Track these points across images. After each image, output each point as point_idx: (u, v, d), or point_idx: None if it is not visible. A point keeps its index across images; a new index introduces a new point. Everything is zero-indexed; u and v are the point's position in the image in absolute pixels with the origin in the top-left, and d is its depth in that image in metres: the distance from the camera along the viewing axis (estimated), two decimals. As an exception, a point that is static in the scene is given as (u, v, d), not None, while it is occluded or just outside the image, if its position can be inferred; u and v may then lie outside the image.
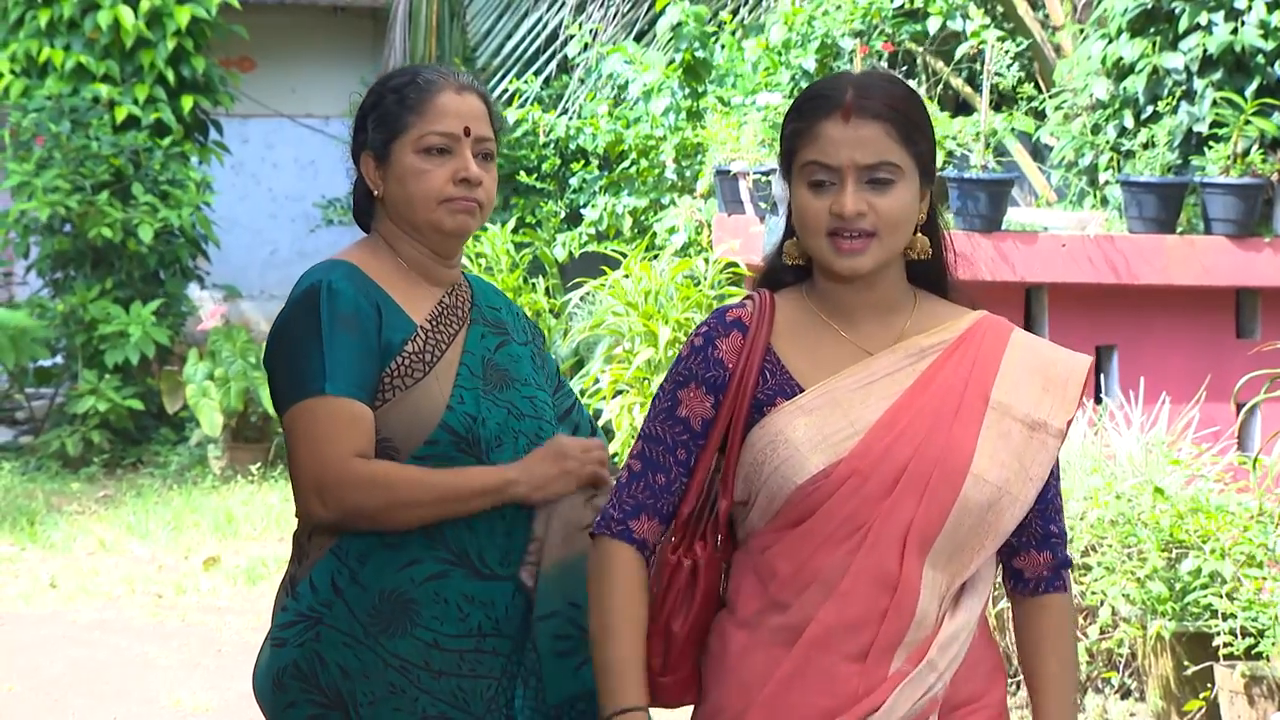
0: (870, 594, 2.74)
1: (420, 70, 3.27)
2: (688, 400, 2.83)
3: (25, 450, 11.84)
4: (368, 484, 3.11)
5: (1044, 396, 2.82)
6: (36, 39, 12.30)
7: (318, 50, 15.53)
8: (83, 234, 11.80)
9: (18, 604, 8.44)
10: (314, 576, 3.20)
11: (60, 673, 7.20)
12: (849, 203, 2.74)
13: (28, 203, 11.74)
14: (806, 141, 2.77)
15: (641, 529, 2.84)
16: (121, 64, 12.35)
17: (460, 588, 3.16)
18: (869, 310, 2.84)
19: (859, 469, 2.75)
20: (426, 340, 3.22)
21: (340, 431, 3.12)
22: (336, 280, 3.18)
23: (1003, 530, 2.79)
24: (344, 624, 3.16)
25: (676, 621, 2.84)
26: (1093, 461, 6.60)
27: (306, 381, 3.14)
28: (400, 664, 3.14)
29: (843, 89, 2.78)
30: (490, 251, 10.48)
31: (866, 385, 2.79)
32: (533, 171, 11.84)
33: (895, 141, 2.76)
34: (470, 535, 3.17)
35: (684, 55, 9.51)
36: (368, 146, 3.26)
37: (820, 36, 9.54)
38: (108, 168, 11.87)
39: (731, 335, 2.84)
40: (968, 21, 9.59)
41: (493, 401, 3.23)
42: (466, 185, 3.20)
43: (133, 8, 12.18)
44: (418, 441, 3.16)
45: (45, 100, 12.05)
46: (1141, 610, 6.14)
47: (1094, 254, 7.81)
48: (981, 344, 2.83)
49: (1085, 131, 9.07)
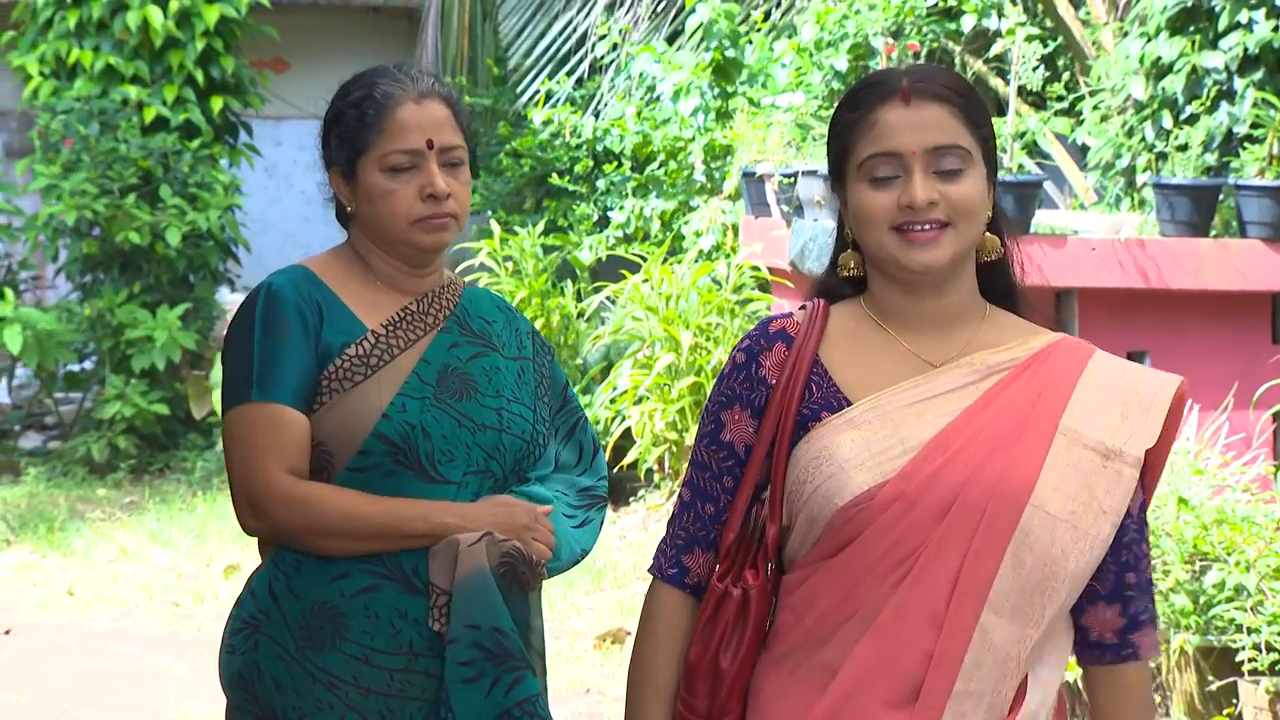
0: (912, 632, 2.51)
1: (378, 81, 3.20)
2: (731, 423, 2.66)
3: (53, 456, 11.89)
4: (291, 504, 3.07)
5: (1123, 424, 2.57)
6: (65, 40, 12.36)
7: (353, 51, 15.53)
8: (110, 237, 11.84)
9: (34, 613, 8.47)
10: (255, 583, 3.20)
11: (70, 683, 7.22)
12: (919, 191, 2.53)
13: (55, 205, 11.79)
14: (863, 132, 2.58)
15: (695, 564, 2.68)
16: (150, 65, 12.40)
17: (393, 602, 3.09)
18: (933, 321, 2.62)
19: (905, 492, 2.52)
20: (375, 345, 3.16)
21: (266, 442, 3.08)
22: (278, 284, 3.16)
23: (1074, 572, 2.54)
24: (279, 634, 3.13)
25: (725, 657, 2.63)
26: (1116, 471, 6.52)
27: (238, 387, 3.13)
28: (329, 679, 3.09)
29: (897, 75, 2.60)
30: (518, 255, 10.46)
31: (924, 401, 2.57)
32: (565, 173, 11.82)
33: (961, 124, 2.57)
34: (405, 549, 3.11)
35: (714, 54, 9.47)
36: (334, 162, 3.23)
37: (853, 36, 9.50)
38: (136, 170, 11.91)
39: (775, 348, 2.65)
40: (1002, 20, 9.53)
41: (443, 411, 3.15)
42: (435, 201, 3.16)
43: (162, 8, 12.21)
44: (352, 449, 3.10)
45: (74, 102, 12.10)
46: (1165, 624, 6.07)
47: (1124, 258, 7.73)
48: (1055, 366, 2.60)
49: (1122, 132, 9.00)
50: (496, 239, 10.60)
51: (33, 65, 12.48)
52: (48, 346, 11.60)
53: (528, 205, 12.43)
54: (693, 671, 2.64)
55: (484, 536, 3.06)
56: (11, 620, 8.37)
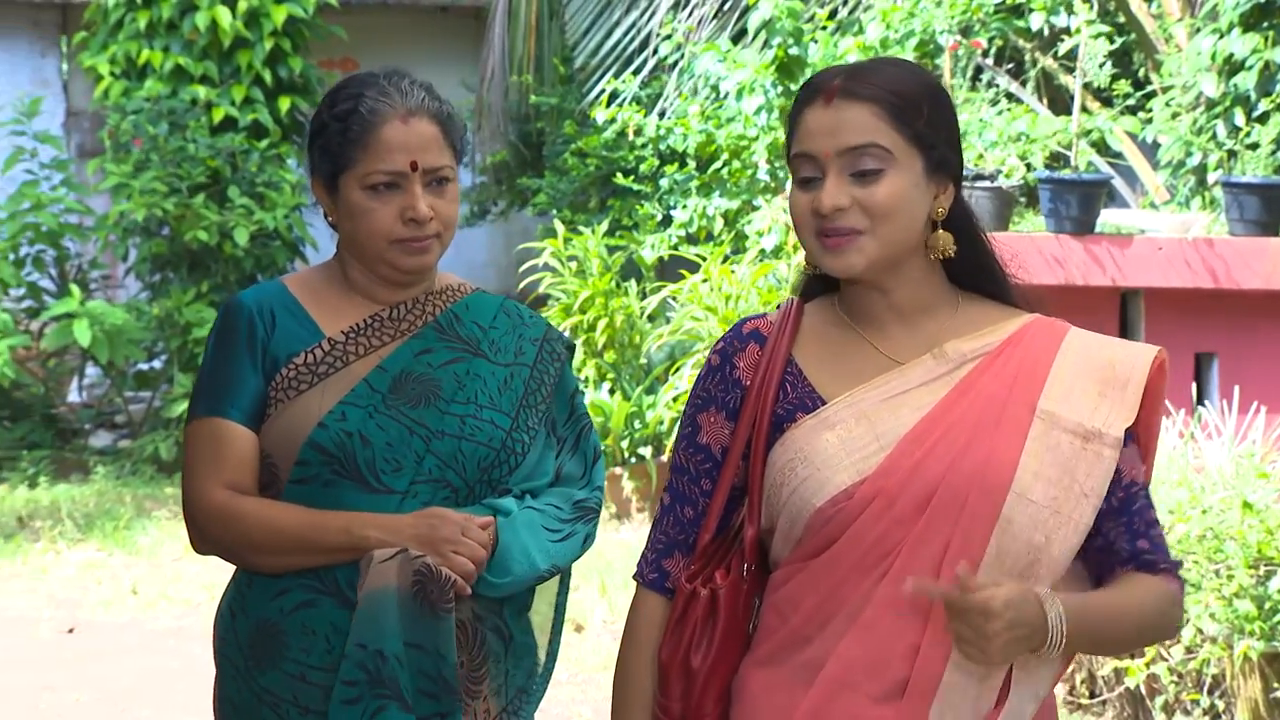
0: (897, 626, 2.48)
1: (364, 93, 3.10)
2: (707, 426, 2.64)
3: (122, 454, 11.96)
4: (222, 520, 3.04)
5: (1100, 402, 2.54)
6: (136, 41, 12.44)
7: (421, 50, 15.57)
8: (179, 236, 11.90)
9: (97, 611, 8.51)
10: (222, 604, 3.18)
11: (131, 682, 7.24)
12: (826, 197, 2.50)
13: (125, 204, 11.86)
14: (792, 134, 2.57)
15: (675, 569, 2.66)
16: (219, 65, 12.46)
17: (329, 617, 3.03)
18: (894, 315, 2.60)
19: (885, 489, 2.49)
20: (328, 353, 3.11)
21: (205, 457, 3.06)
22: (239, 298, 3.15)
23: (1056, 557, 2.50)
24: (234, 654, 3.11)
25: (696, 656, 2.61)
26: (1179, 474, 6.44)
27: (193, 402, 3.12)
28: (272, 699, 3.05)
29: (833, 75, 2.56)
30: (582, 254, 10.44)
31: (898, 396, 2.55)
32: (629, 173, 11.79)
33: (884, 123, 2.50)
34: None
35: (777, 52, 9.41)
36: (316, 172, 3.17)
37: (920, 33, 9.43)
38: (204, 170, 11.96)
39: (749, 349, 2.63)
40: (1072, 17, 9.44)
41: (391, 419, 3.08)
42: (416, 225, 3.08)
43: (230, 8, 12.27)
44: (291, 462, 3.05)
45: (144, 102, 12.16)
46: (1229, 629, 5.98)
47: (1192, 258, 7.63)
48: (1029, 348, 2.57)
49: (1192, 130, 8.90)
50: (560, 239, 10.59)
51: (104, 66, 12.56)
52: (117, 343, 11.65)
53: (593, 204, 12.40)
54: (665, 672, 2.63)
55: (399, 553, 2.96)
56: (75, 619, 8.42)
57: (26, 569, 9.43)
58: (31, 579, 9.24)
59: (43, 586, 9.06)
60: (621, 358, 10.10)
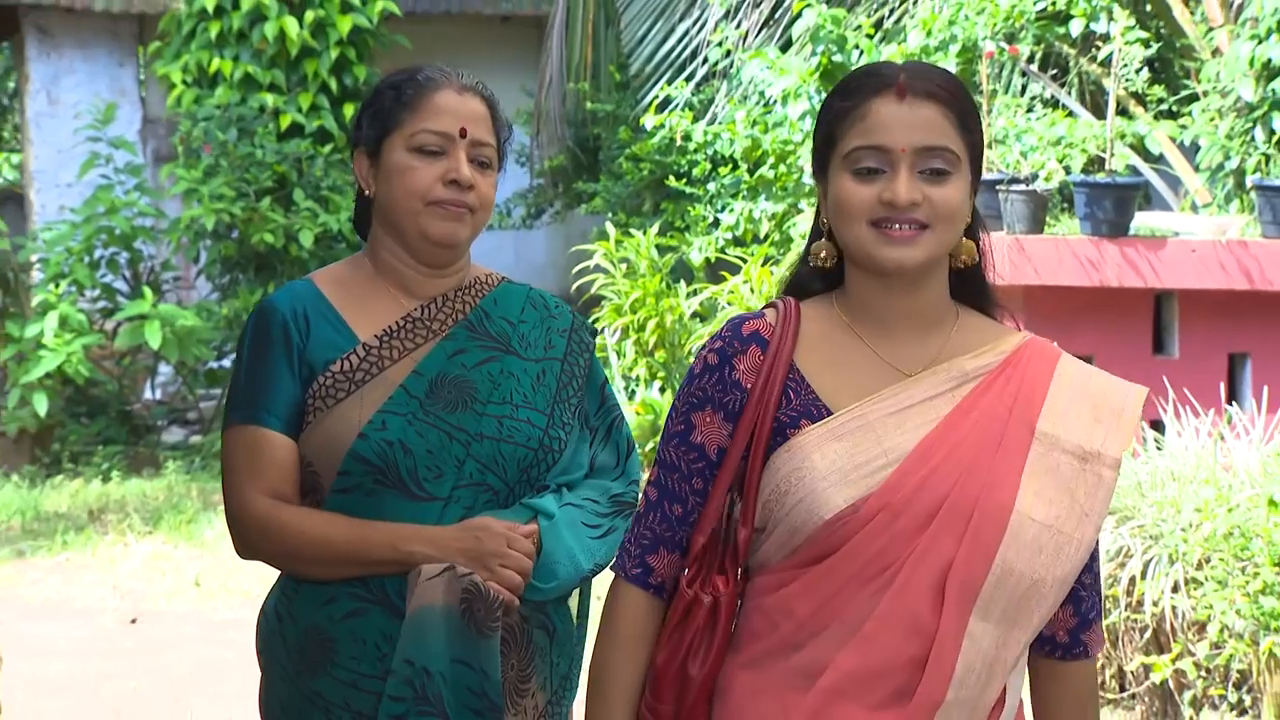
0: (897, 641, 2.41)
1: (423, 68, 3.07)
2: (703, 425, 2.52)
3: (192, 450, 12.01)
4: (265, 529, 2.94)
5: (1096, 426, 2.49)
6: (207, 50, 12.50)
7: (483, 58, 15.57)
8: (247, 239, 11.95)
9: (160, 601, 8.54)
10: (266, 605, 3.11)
11: (187, 671, 7.25)
12: (903, 189, 2.40)
13: (195, 209, 11.92)
14: (853, 123, 2.44)
15: (660, 565, 2.55)
16: (287, 74, 12.50)
17: (378, 626, 2.95)
18: (907, 322, 2.52)
19: (890, 504, 2.42)
20: (364, 359, 3.01)
21: (245, 466, 2.96)
22: (272, 301, 3.05)
23: (1061, 577, 2.45)
24: (281, 657, 3.03)
25: (694, 664, 2.52)
26: (1208, 473, 6.35)
27: (229, 409, 3.03)
28: (323, 703, 2.97)
29: (894, 69, 2.46)
30: (633, 255, 10.41)
31: (903, 410, 2.46)
32: (681, 176, 11.75)
33: (953, 126, 2.44)
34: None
35: (821, 59, 9.35)
36: (361, 143, 3.09)
37: (962, 40, 9.35)
38: (271, 175, 12.01)
39: (750, 351, 2.51)
40: (1112, 23, 9.33)
41: (430, 425, 2.98)
42: (456, 188, 2.99)
43: (298, 19, 12.32)
44: (333, 471, 2.96)
45: (214, 109, 12.23)
46: (1254, 625, 5.89)
47: (1226, 260, 7.52)
48: (1027, 369, 2.51)
49: (1231, 134, 8.78)
50: (612, 240, 10.56)
51: (176, 74, 12.64)
52: (187, 343, 11.71)
53: (646, 207, 12.37)
54: (660, 677, 2.53)
55: (446, 570, 2.88)
56: (139, 609, 8.46)
57: (96, 560, 9.49)
58: (100, 570, 9.29)
59: (109, 577, 9.11)
60: (671, 357, 10.06)
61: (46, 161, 14.99)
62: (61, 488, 11.25)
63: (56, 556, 9.61)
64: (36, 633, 8.08)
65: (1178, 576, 6.05)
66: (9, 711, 6.79)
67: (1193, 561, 6.05)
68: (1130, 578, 6.21)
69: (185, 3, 12.59)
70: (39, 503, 10.82)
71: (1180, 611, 6.06)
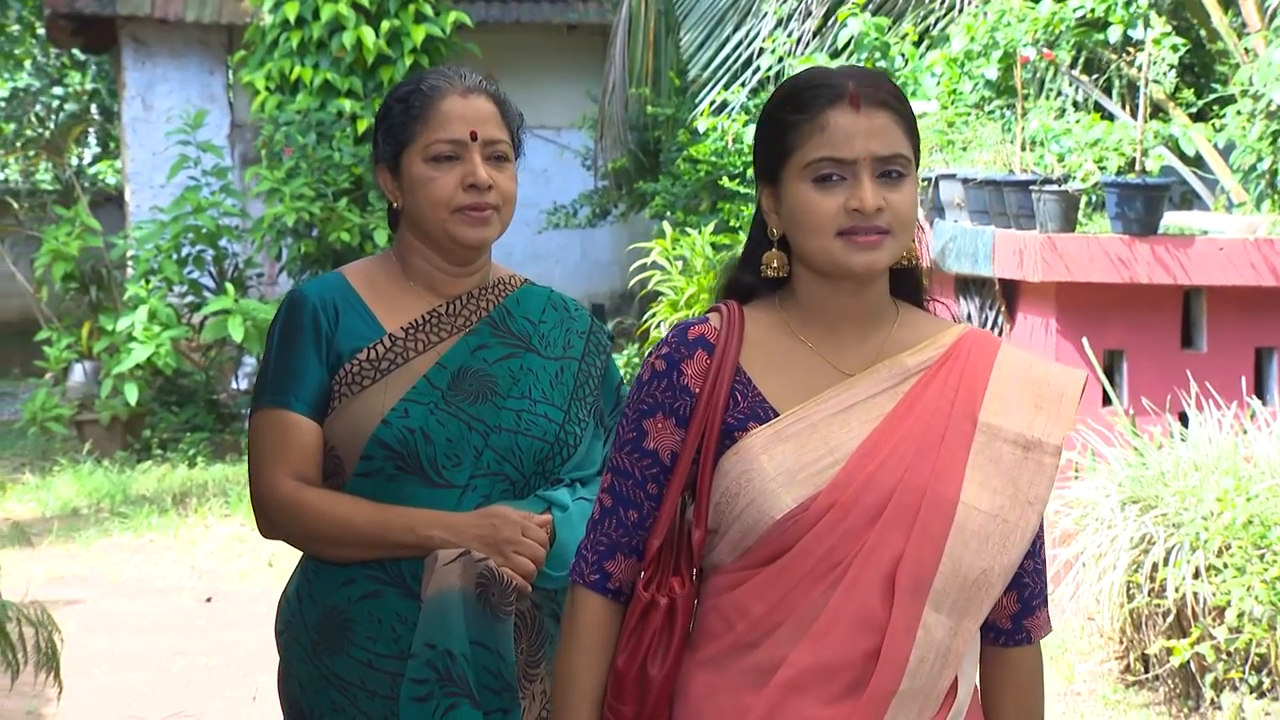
0: (851, 635, 2.37)
1: (426, 76, 3.06)
2: (654, 431, 2.46)
3: (273, 436, 12.08)
4: (289, 510, 2.95)
5: (1037, 414, 2.44)
6: (289, 59, 12.56)
7: (550, 65, 15.61)
8: (325, 238, 12.02)
9: (235, 581, 8.60)
10: (288, 588, 3.11)
11: (255, 648, 7.28)
12: (869, 196, 2.36)
13: (277, 208, 12.01)
14: (811, 134, 2.38)
15: (617, 570, 2.48)
16: (364, 80, 12.55)
17: (394, 608, 2.95)
18: (852, 323, 2.46)
19: (839, 501, 2.37)
20: (389, 348, 3.00)
21: (271, 448, 2.96)
22: (306, 289, 3.05)
23: (1008, 565, 2.40)
24: (301, 637, 3.03)
25: (654, 665, 2.46)
26: (1229, 464, 6.26)
27: (257, 393, 3.03)
28: (340, 682, 2.97)
29: (842, 77, 2.42)
30: (689, 254, 10.39)
31: (847, 409, 2.41)
32: (736, 177, 11.72)
33: (903, 133, 2.41)
34: None
35: (865, 65, 9.28)
36: (381, 159, 3.08)
37: (1003, 46, 9.26)
38: (348, 176, 12.07)
39: (696, 355, 2.44)
40: (1149, 30, 9.22)
41: (450, 415, 2.97)
42: (476, 191, 2.99)
43: (374, 28, 12.37)
44: (356, 456, 2.96)
45: (295, 114, 12.30)
46: (1272, 611, 5.81)
47: (1255, 257, 7.41)
48: (967, 361, 2.46)
49: (1263, 137, 8.66)
50: (669, 239, 10.55)
51: (260, 81, 12.71)
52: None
53: (704, 207, 12.34)
54: (620, 680, 2.46)
55: (462, 555, 2.87)
56: (215, 588, 8.52)
57: (177, 542, 9.57)
58: (180, 551, 9.37)
59: (189, 558, 9.18)
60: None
61: (141, 165, 15.15)
62: (149, 473, 11.36)
63: (141, 538, 9.70)
64: (118, 610, 8.15)
65: (1199, 563, 5.97)
66: (87, 684, 6.85)
67: (1213, 549, 5.97)
68: (1153, 564, 6.14)
69: (269, 13, 12.65)
70: (128, 487, 10.92)
71: (1201, 597, 5.98)
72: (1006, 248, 7.49)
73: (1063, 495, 6.69)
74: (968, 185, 7.93)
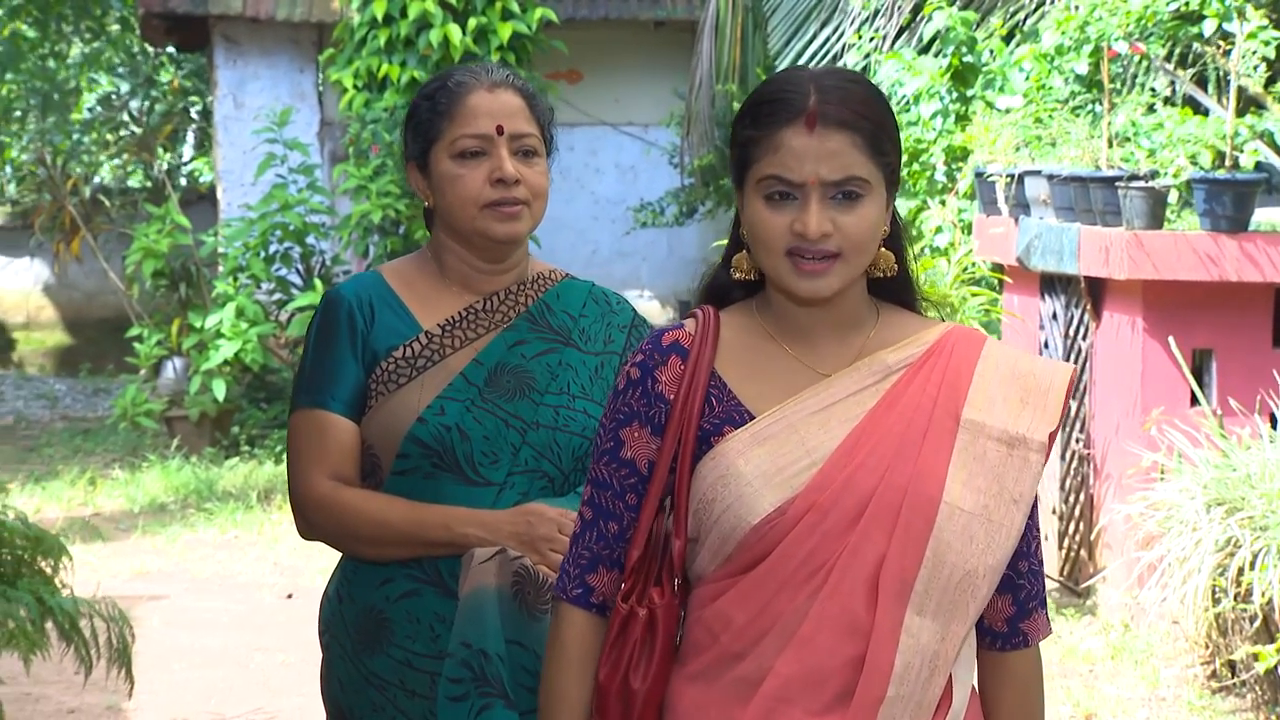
0: (834, 641, 2.31)
1: (453, 73, 3.06)
2: (631, 441, 2.42)
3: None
4: (326, 510, 2.94)
5: (1023, 410, 2.39)
6: (376, 57, 12.59)
7: (639, 62, 15.57)
8: (411, 235, 12.05)
9: (315, 578, 8.63)
10: (329, 588, 3.10)
11: (333, 643, 7.31)
12: (813, 222, 2.31)
13: (364, 205, 12.06)
14: (764, 153, 2.34)
15: (600, 583, 2.44)
16: (451, 78, 12.57)
17: (432, 607, 2.94)
18: (827, 330, 2.42)
19: (818, 503, 2.32)
20: (425, 346, 2.99)
21: (309, 447, 2.96)
22: (342, 288, 3.04)
23: (993, 565, 2.35)
24: (342, 636, 3.02)
25: (636, 677, 2.40)
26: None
27: (295, 393, 3.03)
28: (379, 682, 2.97)
29: (804, 92, 2.34)
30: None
31: (826, 409, 2.36)
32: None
33: (863, 153, 2.33)
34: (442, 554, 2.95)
35: (951, 60, 9.19)
36: (411, 157, 3.07)
37: (1094, 40, 9.13)
38: (435, 174, 12.10)
39: (670, 362, 2.40)
40: (1244, 23, 9.06)
41: (487, 412, 2.96)
42: (504, 186, 2.98)
43: (461, 26, 12.38)
44: (393, 454, 2.95)
45: (382, 112, 12.34)
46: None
47: (1348, 254, 7.25)
48: (951, 358, 2.41)
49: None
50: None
51: (348, 79, 12.75)
52: (353, 332, 11.84)
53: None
54: (604, 693, 2.41)
55: (498, 553, 2.85)
56: (295, 585, 8.57)
57: (261, 539, 9.64)
58: (264, 548, 9.43)
59: (271, 555, 9.24)
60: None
61: (233, 162, 15.27)
62: (236, 469, 11.45)
63: (226, 534, 9.79)
64: (200, 605, 8.23)
65: (1286, 568, 5.86)
66: (167, 680, 6.91)
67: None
68: (1238, 568, 6.03)
69: (357, 11, 12.71)
70: (214, 483, 11.02)
71: (1288, 602, 5.86)
72: (1092, 245, 7.39)
73: (1147, 497, 6.59)
74: (1053, 182, 7.82)
